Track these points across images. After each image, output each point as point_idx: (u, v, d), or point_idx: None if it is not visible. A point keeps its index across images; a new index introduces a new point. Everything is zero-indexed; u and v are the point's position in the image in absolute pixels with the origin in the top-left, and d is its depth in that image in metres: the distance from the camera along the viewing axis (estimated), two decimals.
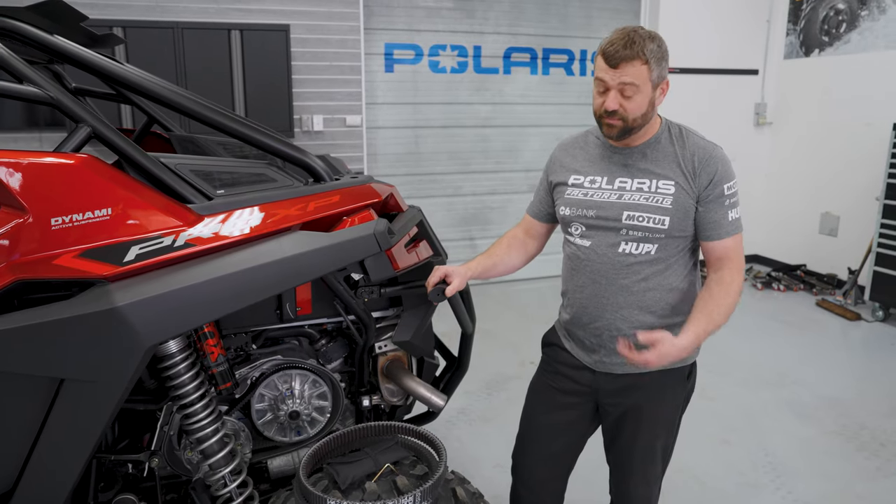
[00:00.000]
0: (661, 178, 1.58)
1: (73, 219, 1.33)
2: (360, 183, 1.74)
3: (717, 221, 1.57)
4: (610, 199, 1.61)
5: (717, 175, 1.55)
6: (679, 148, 1.60)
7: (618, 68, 1.49)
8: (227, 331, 1.77)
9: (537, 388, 1.83)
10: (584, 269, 1.65)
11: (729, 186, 1.57)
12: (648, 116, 1.56)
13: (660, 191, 1.57)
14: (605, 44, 1.52)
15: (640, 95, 1.51)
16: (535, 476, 1.83)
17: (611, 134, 1.57)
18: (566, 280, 1.74)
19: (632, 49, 1.47)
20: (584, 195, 1.64)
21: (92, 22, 1.98)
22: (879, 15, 5.11)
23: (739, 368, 3.94)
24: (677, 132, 1.63)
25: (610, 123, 1.55)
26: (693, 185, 1.56)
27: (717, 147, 1.60)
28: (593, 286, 1.64)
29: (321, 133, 4.98)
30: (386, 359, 1.95)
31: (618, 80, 1.50)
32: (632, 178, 1.60)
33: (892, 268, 4.64)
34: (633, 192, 1.59)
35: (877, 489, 2.73)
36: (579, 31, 5.70)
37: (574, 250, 1.69)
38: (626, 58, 1.48)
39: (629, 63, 1.48)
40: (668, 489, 2.54)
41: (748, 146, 6.18)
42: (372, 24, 5.11)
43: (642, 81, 1.50)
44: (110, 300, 1.29)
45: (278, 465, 1.93)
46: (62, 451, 1.39)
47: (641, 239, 1.58)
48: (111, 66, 1.57)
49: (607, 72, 1.51)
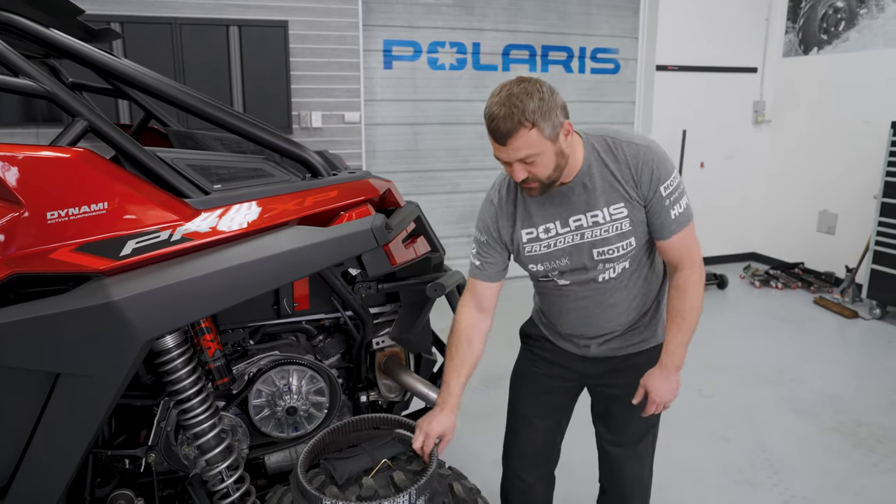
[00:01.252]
0: (610, 204, 1.53)
1: (69, 213, 1.33)
2: (358, 178, 1.73)
3: (662, 222, 1.54)
4: (575, 241, 1.57)
5: (653, 177, 1.50)
6: (612, 163, 1.53)
7: (507, 145, 1.39)
8: (225, 326, 1.76)
9: (521, 376, 1.85)
10: (567, 301, 1.67)
11: (666, 186, 1.51)
12: (564, 163, 1.47)
13: (614, 217, 1.54)
14: (487, 117, 1.40)
15: (543, 157, 1.42)
16: (525, 461, 1.85)
17: (533, 195, 1.52)
18: (547, 307, 1.74)
19: (512, 120, 1.36)
20: (546, 247, 1.60)
21: (89, 17, 1.98)
22: (878, 13, 5.11)
23: (737, 366, 3.95)
24: (604, 147, 1.54)
25: (528, 188, 1.49)
26: (636, 192, 1.52)
27: (647, 147, 1.52)
28: (581, 311, 1.67)
29: (320, 129, 4.97)
30: (383, 354, 1.95)
31: (514, 156, 1.41)
32: (584, 214, 1.55)
33: (889, 266, 4.64)
34: (591, 228, 1.55)
35: (873, 485, 2.73)
36: (578, 28, 5.69)
37: (552, 287, 1.68)
38: (511, 131, 1.37)
39: (515, 136, 1.37)
40: (666, 486, 2.55)
41: (747, 144, 6.18)
42: (371, 21, 5.10)
43: (537, 146, 1.39)
44: (107, 294, 1.28)
45: (276, 461, 1.93)
46: (58, 446, 1.39)
47: (615, 262, 1.59)
48: (109, 60, 1.56)
49: (500, 150, 1.42)
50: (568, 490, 2.10)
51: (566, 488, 1.92)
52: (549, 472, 1.90)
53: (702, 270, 1.58)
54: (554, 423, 1.83)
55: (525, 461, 1.85)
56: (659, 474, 1.85)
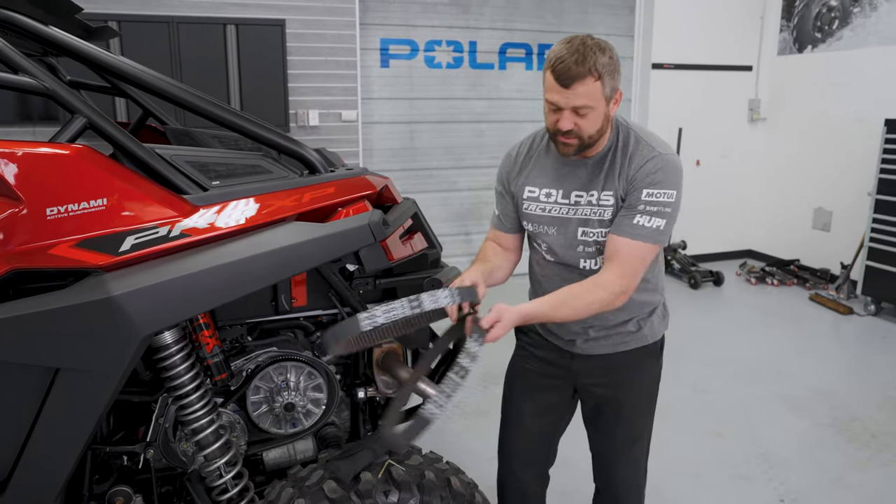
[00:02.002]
0: (604, 189, 1.55)
1: (68, 209, 1.33)
2: (355, 174, 1.74)
3: (621, 218, 1.52)
4: (567, 214, 1.59)
5: (646, 180, 1.50)
6: (622, 157, 1.54)
7: (570, 88, 1.39)
8: (223, 322, 1.77)
9: (516, 373, 1.86)
10: (551, 282, 1.67)
11: (650, 192, 1.48)
12: (604, 130, 1.50)
13: (601, 203, 1.55)
14: (554, 59, 1.39)
15: (595, 113, 1.43)
16: (519, 458, 1.86)
17: (567, 153, 1.52)
18: (537, 285, 1.76)
19: (582, 67, 1.37)
20: (542, 210, 1.62)
21: (86, 15, 1.98)
22: (871, 12, 5.13)
23: (733, 363, 3.97)
24: (626, 140, 1.55)
25: (565, 142, 1.49)
26: (625, 188, 1.53)
27: (660, 156, 1.51)
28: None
29: (317, 128, 4.97)
30: (381, 351, 1.96)
31: (571, 102, 1.41)
32: (585, 191, 1.57)
33: (883, 262, 4.67)
34: (583, 206, 1.57)
35: (868, 479, 2.76)
36: (574, 26, 5.70)
37: (541, 265, 1.70)
38: (579, 76, 1.37)
39: (581, 82, 1.38)
40: (662, 482, 2.56)
41: (742, 142, 6.21)
42: (368, 20, 5.10)
43: (596, 100, 1.41)
44: (106, 289, 1.29)
45: (274, 457, 1.93)
46: (57, 442, 1.40)
47: (596, 253, 1.60)
48: (107, 57, 1.57)
49: (560, 93, 1.41)
50: (565, 485, 2.11)
51: (563, 483, 1.93)
52: (544, 472, 1.90)
53: (615, 297, 1.49)
54: (547, 424, 1.83)
55: (520, 459, 1.86)
56: (655, 471, 1.86)
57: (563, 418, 1.85)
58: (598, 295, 1.48)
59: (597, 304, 1.49)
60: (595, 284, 1.50)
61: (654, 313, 1.72)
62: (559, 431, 1.87)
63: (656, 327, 1.73)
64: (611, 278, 1.49)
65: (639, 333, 1.70)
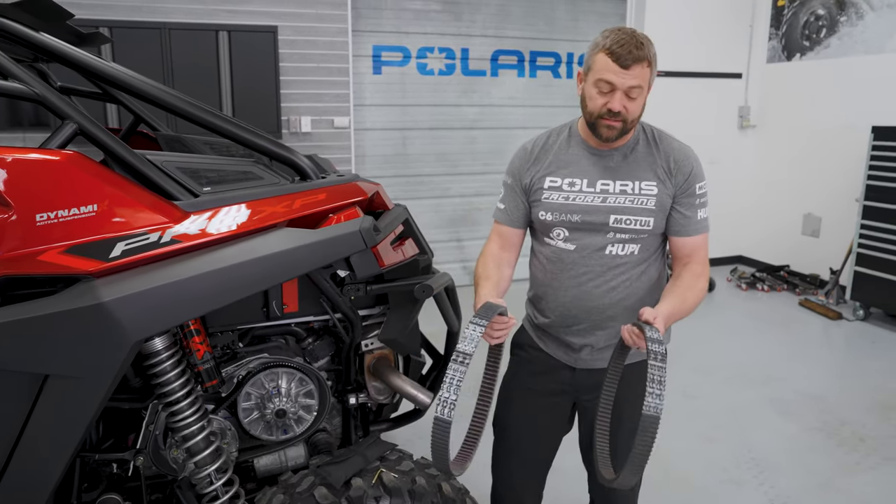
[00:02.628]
0: (643, 179, 1.60)
1: (58, 215, 1.33)
2: (346, 181, 1.74)
3: (689, 218, 1.61)
4: (594, 202, 1.61)
5: (692, 174, 1.59)
6: (654, 149, 1.62)
7: (629, 69, 1.48)
8: (214, 329, 1.76)
9: (512, 391, 1.84)
10: (567, 271, 1.66)
11: (700, 186, 1.61)
12: (640, 118, 1.59)
13: (643, 192, 1.59)
14: (612, 44, 1.49)
15: (642, 98, 1.55)
16: (514, 477, 1.85)
17: (610, 136, 1.56)
18: (544, 283, 1.73)
19: (642, 51, 1.48)
20: (565, 199, 1.64)
21: (78, 22, 1.98)
22: (857, 20, 5.20)
23: (724, 367, 3.99)
24: (651, 134, 1.66)
25: (611, 125, 1.54)
26: (671, 184, 1.59)
27: (690, 148, 1.64)
28: (578, 289, 1.65)
29: (309, 134, 4.98)
30: (372, 357, 1.96)
31: (628, 82, 1.49)
32: (613, 181, 1.61)
33: (872, 268, 4.72)
34: (617, 195, 1.60)
35: (856, 483, 2.78)
36: (566, 33, 5.74)
37: (555, 253, 1.68)
38: (638, 59, 1.47)
39: (639, 65, 1.48)
40: (653, 487, 2.56)
41: (732, 149, 6.25)
42: (360, 27, 5.12)
43: (646, 84, 1.53)
44: (96, 296, 1.29)
45: (265, 464, 1.93)
46: (46, 449, 1.39)
47: (627, 240, 1.60)
48: (98, 63, 1.57)
49: (617, 73, 1.48)
50: (557, 490, 2.11)
51: (556, 489, 1.93)
52: (539, 489, 1.90)
53: (708, 279, 1.62)
54: (544, 445, 1.81)
55: (514, 477, 1.85)
56: (645, 476, 1.84)
57: (560, 436, 1.84)
58: (702, 284, 1.58)
59: (702, 293, 1.57)
60: (694, 276, 1.58)
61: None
62: (555, 449, 1.86)
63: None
64: (699, 270, 1.60)
65: None
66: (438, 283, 1.81)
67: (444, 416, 1.24)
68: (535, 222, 1.72)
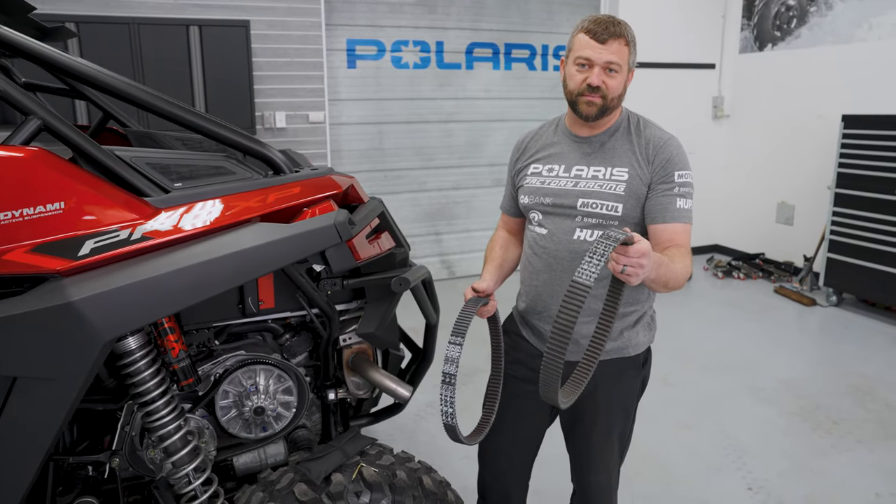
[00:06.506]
0: (616, 165, 1.61)
1: (23, 213, 1.30)
2: (320, 174, 1.73)
3: (665, 206, 1.56)
4: (566, 186, 1.63)
5: (669, 161, 1.58)
6: (636, 137, 1.63)
7: (605, 44, 1.52)
8: (189, 326, 1.74)
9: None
10: (540, 256, 1.68)
11: (680, 175, 1.57)
12: (621, 99, 1.61)
13: (613, 178, 1.60)
14: (589, 23, 1.56)
15: (620, 76, 1.56)
16: (499, 464, 1.85)
17: (590, 113, 1.57)
18: (523, 268, 1.78)
19: (618, 27, 1.53)
20: (541, 183, 1.68)
21: (42, 16, 1.93)
22: (827, 11, 5.28)
23: (701, 355, 4.04)
24: (636, 122, 1.66)
25: (590, 100, 1.56)
26: (647, 170, 1.59)
27: (674, 137, 1.63)
28: (549, 273, 1.66)
29: (284, 130, 4.93)
30: (351, 351, 1.95)
31: (605, 57, 1.53)
32: (588, 167, 1.63)
33: (844, 254, 4.81)
34: (588, 180, 1.62)
35: (830, 464, 2.83)
36: (541, 26, 5.75)
37: (532, 238, 1.72)
38: (614, 35, 1.53)
39: (616, 41, 1.53)
40: (632, 474, 2.60)
41: (707, 139, 6.32)
42: (333, 20, 5.07)
43: (623, 62, 1.55)
44: (64, 295, 1.26)
45: (244, 462, 1.91)
46: (16, 453, 1.35)
47: (595, 226, 1.60)
48: (64, 58, 1.53)
49: (594, 48, 1.53)
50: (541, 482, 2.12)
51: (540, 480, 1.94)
52: (525, 477, 1.91)
53: (689, 269, 1.50)
54: (526, 430, 1.81)
55: (499, 465, 1.86)
56: (626, 464, 1.88)
57: (543, 425, 1.84)
58: (687, 261, 1.49)
59: (686, 269, 1.47)
60: (680, 253, 1.48)
61: (640, 322, 1.69)
62: (539, 437, 1.86)
63: (640, 338, 1.69)
64: (683, 250, 1.52)
65: (618, 342, 1.67)
66: (415, 276, 1.81)
67: (450, 423, 1.45)
68: (521, 208, 1.76)
